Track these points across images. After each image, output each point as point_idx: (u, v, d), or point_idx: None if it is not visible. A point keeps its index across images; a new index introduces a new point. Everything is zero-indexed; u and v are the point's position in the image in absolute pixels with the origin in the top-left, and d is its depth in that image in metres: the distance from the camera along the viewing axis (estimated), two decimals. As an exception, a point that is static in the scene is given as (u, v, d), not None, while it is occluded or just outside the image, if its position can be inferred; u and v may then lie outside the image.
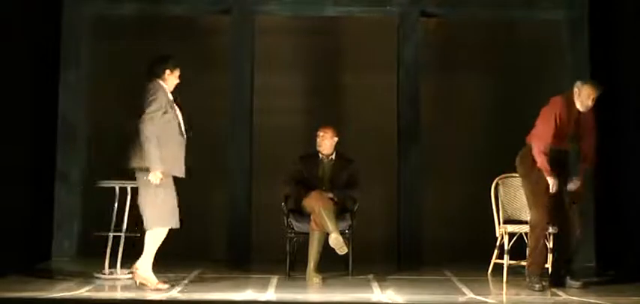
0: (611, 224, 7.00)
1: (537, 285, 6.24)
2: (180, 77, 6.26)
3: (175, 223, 6.11)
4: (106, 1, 8.47)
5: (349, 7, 8.52)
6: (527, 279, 6.36)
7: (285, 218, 7.01)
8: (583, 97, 6.32)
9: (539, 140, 6.35)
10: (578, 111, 6.36)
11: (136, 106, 6.06)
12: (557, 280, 6.40)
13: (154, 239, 6.09)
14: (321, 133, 7.22)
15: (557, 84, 8.23)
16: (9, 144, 6.92)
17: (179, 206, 6.80)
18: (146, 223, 6.06)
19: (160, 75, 6.20)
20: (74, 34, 8.29)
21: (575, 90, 6.36)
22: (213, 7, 8.53)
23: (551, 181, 6.25)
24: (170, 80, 6.22)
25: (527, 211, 7.06)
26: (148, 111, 5.96)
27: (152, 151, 5.92)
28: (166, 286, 6.12)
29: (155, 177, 5.95)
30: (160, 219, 6.06)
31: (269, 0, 8.48)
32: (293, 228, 7.03)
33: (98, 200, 7.26)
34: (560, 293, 6.19)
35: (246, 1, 8.41)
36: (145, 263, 6.13)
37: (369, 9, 8.55)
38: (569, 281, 6.36)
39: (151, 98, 6.00)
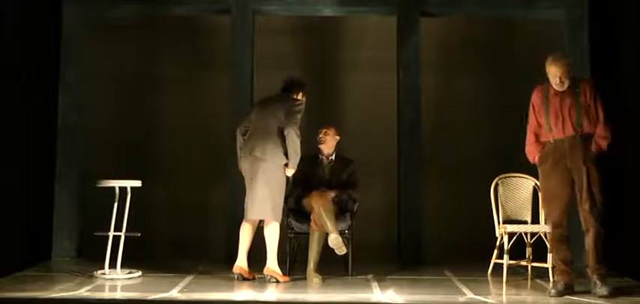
0: (612, 224, 6.96)
1: (553, 290, 6.05)
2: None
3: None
4: (106, 1, 8.47)
5: (349, 7, 8.51)
6: (553, 282, 6.27)
7: (285, 218, 7.01)
8: (551, 76, 6.10)
9: (527, 137, 6.29)
10: (561, 92, 6.08)
11: (271, 108, 6.74)
12: (591, 286, 5.99)
13: (276, 234, 6.64)
14: (323, 131, 7.23)
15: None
16: (9, 144, 6.91)
17: (180, 206, 6.82)
18: (271, 215, 6.59)
19: (293, 92, 6.87)
20: (74, 34, 8.28)
21: (546, 70, 6.15)
22: (213, 7, 8.53)
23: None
24: (298, 98, 6.88)
25: (527, 210, 7.10)
26: (297, 119, 6.65)
27: (299, 153, 6.64)
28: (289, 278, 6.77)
29: (291, 173, 6.70)
30: (280, 212, 6.67)
31: (269, 0, 8.48)
32: (293, 228, 7.04)
33: (98, 200, 7.27)
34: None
35: (246, 1, 8.41)
36: (273, 260, 6.61)
37: (368, 9, 8.55)
38: (596, 288, 5.92)
39: (299, 107, 6.71)
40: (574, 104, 6.06)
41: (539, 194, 6.96)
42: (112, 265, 6.80)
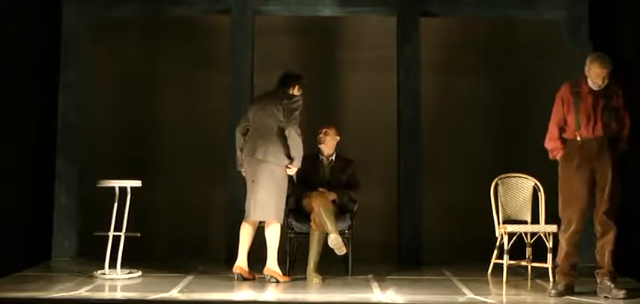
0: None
1: (554, 290, 5.99)
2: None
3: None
4: (106, 2, 8.47)
5: (349, 7, 8.50)
6: (552, 285, 6.18)
7: (285, 218, 7.01)
8: (592, 76, 5.91)
9: (549, 131, 6.12)
10: (595, 92, 5.94)
11: (270, 107, 6.67)
12: (601, 288, 5.94)
13: (277, 235, 6.63)
14: (323, 131, 7.22)
15: (557, 84, 8.21)
16: (9, 144, 6.92)
17: (180, 206, 6.77)
18: (273, 216, 6.59)
19: (289, 86, 6.80)
20: (74, 34, 8.28)
21: (585, 68, 5.98)
22: (213, 7, 8.52)
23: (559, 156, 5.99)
24: (295, 93, 6.82)
25: (527, 210, 7.08)
26: (295, 117, 6.61)
27: (301, 150, 6.61)
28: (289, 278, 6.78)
29: (294, 172, 6.68)
30: (282, 213, 6.67)
31: (269, 0, 8.47)
32: (293, 228, 7.03)
33: (98, 200, 7.26)
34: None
35: (246, 1, 8.40)
36: (273, 260, 6.61)
37: (368, 9, 8.54)
38: (613, 291, 5.86)
39: (297, 104, 6.65)
40: (605, 105, 5.95)
41: (541, 194, 6.97)
42: (112, 265, 6.79)
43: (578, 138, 5.98)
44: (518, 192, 7.09)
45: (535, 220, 7.02)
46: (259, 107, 6.79)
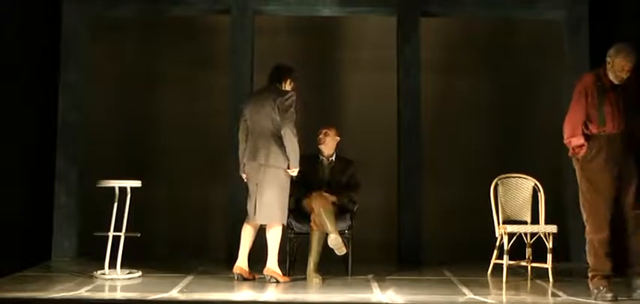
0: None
1: (609, 294, 5.63)
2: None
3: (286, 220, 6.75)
4: (106, 2, 8.47)
5: (349, 7, 8.50)
6: (596, 291, 5.73)
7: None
8: (616, 69, 5.70)
9: (568, 124, 5.81)
10: (615, 86, 5.75)
11: (266, 108, 6.61)
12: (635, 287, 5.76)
13: (278, 236, 6.62)
14: (323, 132, 7.21)
15: (556, 84, 8.27)
16: (9, 144, 6.92)
17: (180, 206, 6.70)
18: (278, 218, 6.58)
19: (281, 81, 6.75)
20: (74, 34, 8.28)
21: (608, 60, 5.75)
22: (213, 7, 8.53)
23: (583, 151, 5.70)
24: (288, 88, 6.77)
25: (527, 211, 7.07)
26: (290, 114, 6.55)
27: (297, 151, 6.56)
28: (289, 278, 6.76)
29: (294, 172, 6.62)
30: (286, 214, 6.66)
31: (269, 0, 8.47)
32: (293, 228, 7.03)
33: (98, 200, 7.27)
34: (560, 293, 6.19)
35: (246, 1, 8.41)
36: (274, 261, 6.60)
37: (368, 9, 8.54)
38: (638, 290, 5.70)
39: (291, 101, 6.58)
40: (626, 99, 5.77)
41: (541, 194, 6.97)
42: (112, 265, 6.79)
43: (603, 133, 5.75)
44: (518, 192, 7.09)
45: (535, 220, 7.02)
46: (255, 108, 6.71)
